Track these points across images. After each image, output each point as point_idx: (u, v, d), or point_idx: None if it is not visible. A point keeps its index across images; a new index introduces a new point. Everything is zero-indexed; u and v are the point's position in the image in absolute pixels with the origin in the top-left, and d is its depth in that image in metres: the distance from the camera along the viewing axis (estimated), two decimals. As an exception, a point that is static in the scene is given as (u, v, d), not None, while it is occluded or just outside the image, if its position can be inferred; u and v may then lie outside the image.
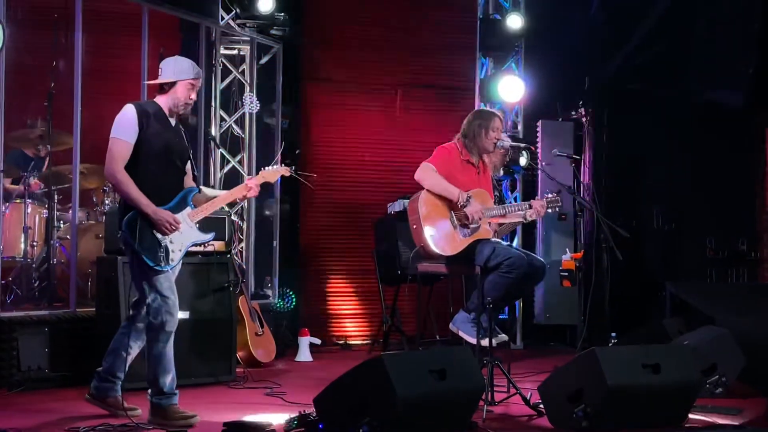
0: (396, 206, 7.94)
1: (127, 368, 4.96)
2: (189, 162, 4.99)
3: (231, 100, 8.09)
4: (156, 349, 4.78)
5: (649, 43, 8.57)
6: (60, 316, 6.14)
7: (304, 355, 7.51)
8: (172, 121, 4.90)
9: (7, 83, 5.97)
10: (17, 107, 6.63)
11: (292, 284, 8.30)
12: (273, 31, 8.20)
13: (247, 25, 8.01)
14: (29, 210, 6.72)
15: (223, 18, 7.89)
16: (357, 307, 8.70)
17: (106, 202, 7.02)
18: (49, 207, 6.71)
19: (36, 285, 6.66)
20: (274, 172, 5.17)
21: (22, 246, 6.68)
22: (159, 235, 4.71)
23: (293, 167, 5.32)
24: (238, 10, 7.87)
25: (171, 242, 4.75)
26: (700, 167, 8.85)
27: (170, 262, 4.75)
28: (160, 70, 4.90)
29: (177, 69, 4.84)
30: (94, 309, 6.18)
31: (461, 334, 5.67)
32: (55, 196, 6.75)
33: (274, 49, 8.20)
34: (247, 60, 8.11)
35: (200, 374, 6.06)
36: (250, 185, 5.03)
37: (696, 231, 8.95)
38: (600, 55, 8.88)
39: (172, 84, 4.82)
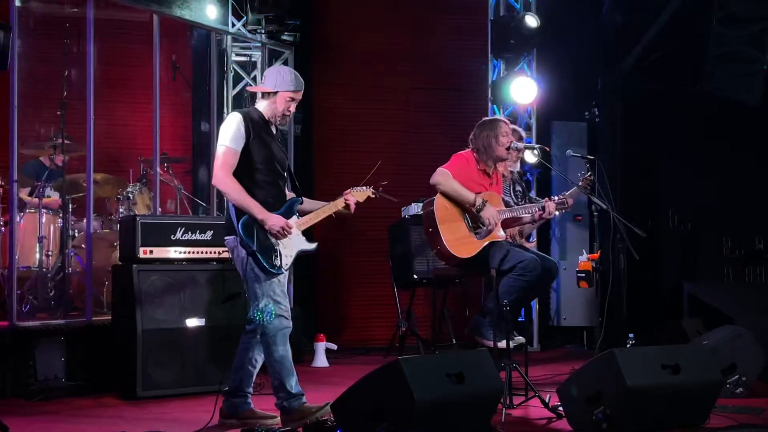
0: (410, 210, 7.92)
1: (253, 381, 5.00)
2: (288, 170, 5.02)
3: (243, 106, 8.07)
4: (277, 353, 4.76)
5: (662, 41, 8.52)
6: (76, 326, 6.14)
7: (320, 360, 7.49)
8: (273, 130, 4.93)
9: (20, 93, 5.99)
10: (31, 117, 6.66)
11: (307, 290, 8.28)
12: (284, 37, 8.21)
13: (258, 31, 8.01)
14: (44, 220, 6.73)
15: (233, 24, 7.90)
16: (372, 311, 8.67)
17: (120, 210, 7.02)
18: (63, 216, 6.72)
19: (52, 294, 6.66)
20: (363, 192, 5.21)
21: (38, 256, 6.69)
22: (273, 239, 4.72)
23: (380, 189, 5.29)
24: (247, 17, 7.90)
25: (284, 247, 4.78)
26: (715, 165, 8.80)
27: (284, 265, 4.76)
28: (264, 77, 4.96)
29: (279, 80, 4.85)
30: (109, 318, 6.18)
31: (478, 338, 5.64)
32: (70, 206, 6.75)
33: (284, 54, 8.20)
34: (259, 66, 8.12)
35: (216, 381, 6.02)
36: (350, 200, 5.07)
37: (712, 230, 8.89)
38: (613, 55, 8.84)
39: (273, 94, 4.84)
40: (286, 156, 5.01)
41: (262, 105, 4.90)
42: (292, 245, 4.81)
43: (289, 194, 5.02)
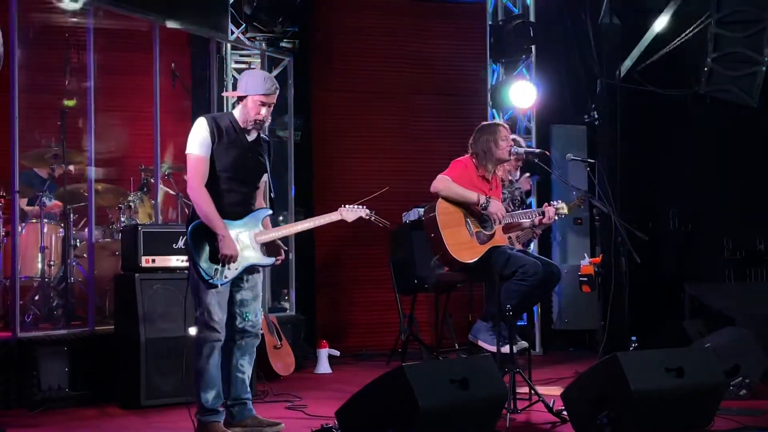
0: (411, 215, 7.92)
1: (248, 385, 4.92)
2: (265, 179, 4.89)
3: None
4: (199, 364, 4.68)
5: (660, 43, 8.54)
6: (79, 335, 6.13)
7: (323, 367, 7.49)
8: (249, 136, 4.79)
9: (21, 103, 5.98)
10: (31, 127, 6.66)
11: (308, 296, 8.28)
12: (283, 44, 8.22)
13: (257, 38, 8.03)
14: (45, 230, 6.72)
15: (232, 32, 7.92)
16: (374, 317, 8.67)
17: (122, 219, 7.02)
18: (65, 226, 6.72)
19: (54, 304, 6.65)
20: (354, 212, 5.09)
21: (39, 266, 6.68)
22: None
23: (373, 212, 5.16)
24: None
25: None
26: (715, 167, 8.81)
27: (223, 278, 4.63)
28: (238, 81, 4.89)
29: (249, 83, 4.74)
30: (112, 327, 6.18)
31: (480, 343, 5.64)
32: (71, 215, 6.75)
33: (284, 61, 8.21)
34: (258, 73, 8.11)
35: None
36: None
37: (713, 231, 8.90)
38: (611, 58, 8.85)
39: (244, 98, 4.74)
40: (263, 165, 4.85)
41: (236, 111, 4.79)
42: (241, 258, 4.68)
43: (260, 203, 4.92)
